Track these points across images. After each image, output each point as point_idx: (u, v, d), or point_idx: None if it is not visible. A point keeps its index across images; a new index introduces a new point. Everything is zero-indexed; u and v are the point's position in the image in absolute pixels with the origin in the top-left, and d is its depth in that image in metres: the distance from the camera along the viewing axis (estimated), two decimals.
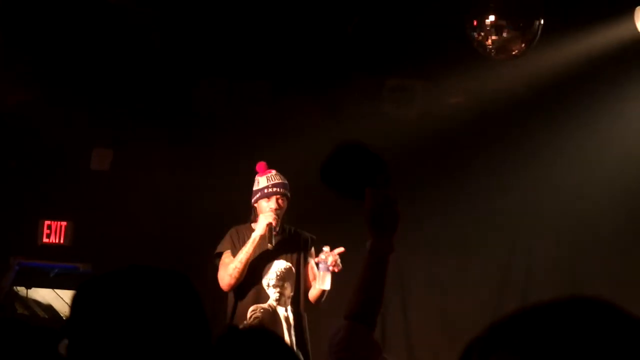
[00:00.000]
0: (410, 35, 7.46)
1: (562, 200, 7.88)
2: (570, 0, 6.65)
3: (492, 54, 6.34)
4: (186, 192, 8.06)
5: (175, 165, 8.04)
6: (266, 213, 5.58)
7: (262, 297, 5.58)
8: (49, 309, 7.47)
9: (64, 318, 7.26)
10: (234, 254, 5.57)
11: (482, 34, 6.26)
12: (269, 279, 5.60)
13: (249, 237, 5.57)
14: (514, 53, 6.31)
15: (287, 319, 5.57)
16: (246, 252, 5.49)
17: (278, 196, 5.62)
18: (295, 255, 5.70)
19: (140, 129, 7.98)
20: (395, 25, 7.33)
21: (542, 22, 6.14)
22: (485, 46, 6.31)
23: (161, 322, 1.81)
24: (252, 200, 5.73)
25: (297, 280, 5.67)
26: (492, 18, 6.20)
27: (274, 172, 5.72)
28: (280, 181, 5.67)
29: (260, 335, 2.14)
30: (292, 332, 5.55)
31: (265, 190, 5.64)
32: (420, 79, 7.93)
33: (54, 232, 8.13)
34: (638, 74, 7.12)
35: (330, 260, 5.38)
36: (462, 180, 8.05)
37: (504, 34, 6.22)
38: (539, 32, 6.16)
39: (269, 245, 5.55)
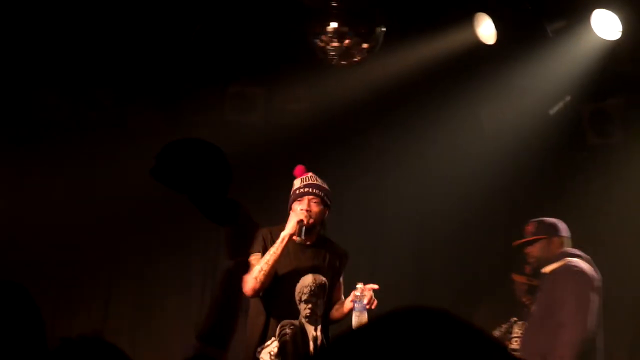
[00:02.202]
0: (251, 42, 7.46)
1: (403, 205, 8.05)
2: (412, 7, 6.78)
3: (334, 60, 6.38)
4: (29, 199, 7.83)
5: (17, 172, 7.81)
6: (297, 212, 5.05)
7: (293, 311, 5.03)
8: None
9: None
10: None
11: (324, 40, 6.29)
12: (302, 293, 5.05)
13: None
14: (355, 59, 6.37)
15: (315, 339, 5.02)
16: (273, 252, 4.90)
17: (311, 197, 5.08)
18: (331, 272, 5.18)
19: None
20: (236, 33, 7.31)
21: (384, 29, 6.24)
22: (327, 52, 6.35)
23: None
24: (288, 206, 5.19)
25: (330, 298, 5.19)
26: (334, 24, 6.24)
27: (310, 174, 5.22)
28: (314, 182, 5.15)
29: (96, 348, 2.09)
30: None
31: (297, 192, 5.12)
32: (261, 86, 7.95)
33: None
34: (478, 78, 7.32)
35: (366, 299, 4.87)
36: None
37: (346, 41, 6.27)
38: (381, 38, 6.25)
39: (298, 238, 4.98)
